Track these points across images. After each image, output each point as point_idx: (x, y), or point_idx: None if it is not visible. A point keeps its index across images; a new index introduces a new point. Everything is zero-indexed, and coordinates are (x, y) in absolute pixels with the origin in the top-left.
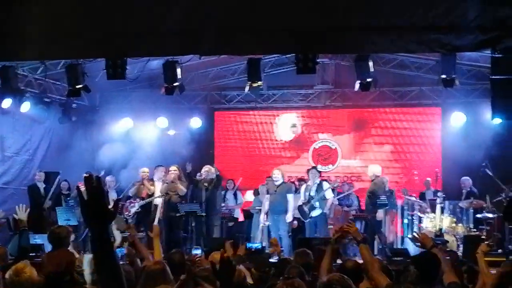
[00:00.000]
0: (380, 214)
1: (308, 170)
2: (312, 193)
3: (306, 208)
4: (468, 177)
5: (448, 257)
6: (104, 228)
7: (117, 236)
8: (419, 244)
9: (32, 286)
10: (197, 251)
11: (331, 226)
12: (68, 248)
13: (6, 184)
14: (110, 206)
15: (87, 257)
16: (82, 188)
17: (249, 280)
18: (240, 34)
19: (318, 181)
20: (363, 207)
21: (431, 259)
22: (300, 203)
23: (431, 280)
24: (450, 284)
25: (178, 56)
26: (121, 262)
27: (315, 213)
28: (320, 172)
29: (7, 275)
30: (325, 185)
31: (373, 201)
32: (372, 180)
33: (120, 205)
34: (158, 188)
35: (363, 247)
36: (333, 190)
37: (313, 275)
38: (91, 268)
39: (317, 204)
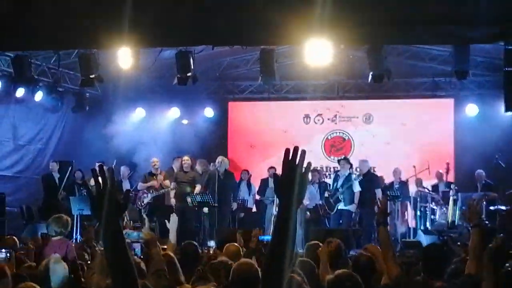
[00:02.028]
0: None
1: (339, 161)
2: (339, 185)
3: (331, 200)
4: (481, 170)
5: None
6: (115, 219)
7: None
8: (466, 215)
9: None
10: (211, 243)
11: None
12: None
13: (19, 173)
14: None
15: None
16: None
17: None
18: (252, 25)
19: (347, 173)
20: None
21: (440, 250)
22: (326, 194)
23: (440, 272)
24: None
25: (190, 46)
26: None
27: (341, 205)
28: (351, 164)
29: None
30: (353, 178)
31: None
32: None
33: (132, 195)
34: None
35: (383, 229)
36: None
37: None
38: None
39: (341, 197)
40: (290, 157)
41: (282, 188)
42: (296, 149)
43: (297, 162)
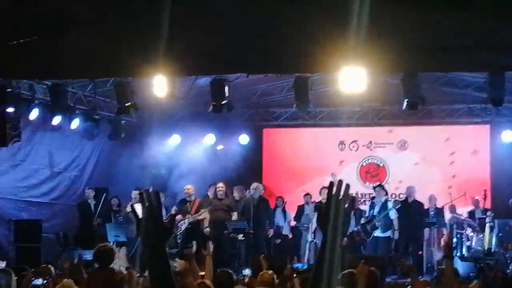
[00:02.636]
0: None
1: (375, 188)
2: (376, 212)
3: (368, 227)
4: None
5: None
6: (161, 244)
7: None
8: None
9: None
10: (247, 271)
11: None
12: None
13: (55, 199)
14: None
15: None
16: (137, 206)
17: None
18: (287, 53)
19: (383, 199)
20: None
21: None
22: (362, 221)
23: None
24: None
25: (225, 74)
26: None
27: (377, 232)
28: (386, 191)
29: None
30: (389, 205)
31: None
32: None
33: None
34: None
35: (448, 262)
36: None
37: None
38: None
39: (378, 224)
40: (334, 191)
41: (326, 222)
42: (340, 182)
43: (341, 196)
